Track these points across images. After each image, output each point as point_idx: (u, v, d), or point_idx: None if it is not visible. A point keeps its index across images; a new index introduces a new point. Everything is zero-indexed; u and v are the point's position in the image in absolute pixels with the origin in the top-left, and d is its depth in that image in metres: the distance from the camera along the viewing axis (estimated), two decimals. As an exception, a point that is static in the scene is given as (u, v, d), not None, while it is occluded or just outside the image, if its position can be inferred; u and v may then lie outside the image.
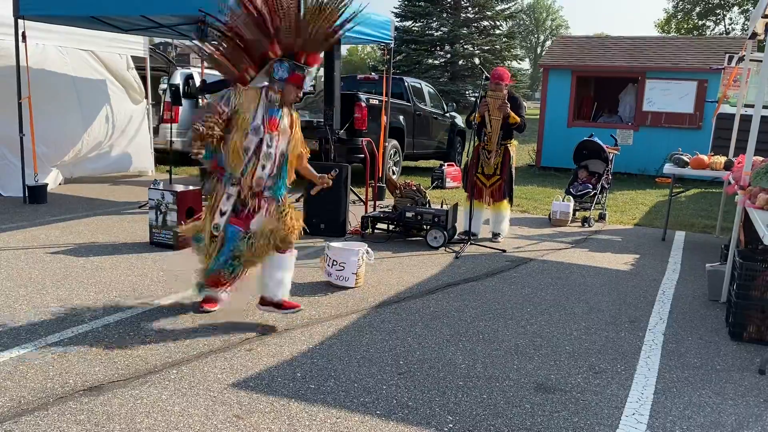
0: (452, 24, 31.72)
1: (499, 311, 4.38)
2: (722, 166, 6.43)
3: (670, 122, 12.18)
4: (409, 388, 3.15)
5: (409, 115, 11.06)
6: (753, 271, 3.92)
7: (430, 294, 4.71)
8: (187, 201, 5.70)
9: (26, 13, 7.13)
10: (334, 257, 4.72)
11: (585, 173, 8.11)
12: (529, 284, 5.06)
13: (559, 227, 7.48)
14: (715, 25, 38.98)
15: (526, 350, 3.71)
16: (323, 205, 6.38)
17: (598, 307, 4.58)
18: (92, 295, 4.34)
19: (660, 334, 4.08)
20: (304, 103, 9.86)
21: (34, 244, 5.64)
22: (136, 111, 9.82)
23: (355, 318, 4.12)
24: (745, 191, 4.45)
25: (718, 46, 12.94)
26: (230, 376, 3.21)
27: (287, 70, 3.76)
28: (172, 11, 6.78)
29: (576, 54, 13.47)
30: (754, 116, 4.55)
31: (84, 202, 7.82)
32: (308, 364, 3.38)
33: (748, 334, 3.97)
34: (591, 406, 3.05)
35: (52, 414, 2.76)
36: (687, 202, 9.60)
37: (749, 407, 3.12)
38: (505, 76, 6.22)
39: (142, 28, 8.54)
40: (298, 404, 2.95)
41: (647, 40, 13.96)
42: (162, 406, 2.87)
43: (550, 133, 13.02)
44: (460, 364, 3.47)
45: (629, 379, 3.37)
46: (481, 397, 3.09)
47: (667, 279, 5.41)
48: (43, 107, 7.99)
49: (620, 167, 11.72)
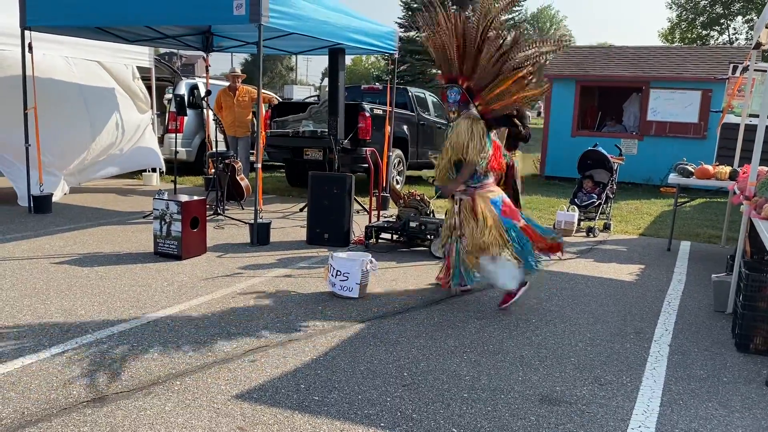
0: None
1: (503, 322, 4.36)
2: (727, 176, 6.42)
3: (675, 132, 12.16)
4: (413, 400, 3.14)
5: (413, 124, 11.07)
6: (759, 282, 3.89)
7: (434, 305, 4.69)
8: (192, 211, 5.71)
9: (33, 24, 7.19)
10: (338, 267, 4.72)
11: (590, 183, 8.10)
12: (534, 295, 5.04)
13: (564, 237, 7.46)
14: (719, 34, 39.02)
15: (531, 361, 3.69)
16: (327, 215, 6.39)
17: (604, 318, 4.56)
18: (96, 305, 4.35)
19: (666, 345, 4.05)
20: (309, 114, 9.88)
21: (39, 254, 5.65)
22: (143, 120, 9.87)
23: (359, 329, 4.11)
24: (751, 201, 4.44)
25: (723, 55, 12.94)
26: (234, 387, 3.20)
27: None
28: (178, 22, 6.83)
29: (580, 64, 13.49)
30: (759, 126, 4.54)
31: (89, 212, 7.85)
32: (312, 375, 3.37)
33: (755, 345, 3.94)
34: (596, 419, 3.03)
35: (56, 425, 2.75)
36: (692, 212, 9.57)
37: (756, 420, 3.10)
38: None
39: (148, 39, 8.60)
40: (301, 416, 2.93)
41: (651, 49, 13.98)
42: (165, 418, 2.86)
43: (555, 142, 13.03)
44: (465, 375, 3.46)
45: (635, 391, 3.35)
46: (485, 410, 3.07)
47: (672, 290, 5.38)
48: (51, 117, 8.04)
49: (625, 177, 11.70)
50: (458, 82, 4.54)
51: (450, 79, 4.56)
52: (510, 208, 4.60)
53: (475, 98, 4.55)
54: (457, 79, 4.54)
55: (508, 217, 4.54)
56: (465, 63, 4.49)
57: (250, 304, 4.50)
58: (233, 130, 9.12)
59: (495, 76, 4.46)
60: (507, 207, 4.60)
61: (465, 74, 4.52)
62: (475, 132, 4.46)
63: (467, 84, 4.53)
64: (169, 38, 8.81)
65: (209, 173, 8.63)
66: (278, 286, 4.99)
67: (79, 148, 8.77)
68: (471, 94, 4.55)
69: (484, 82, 4.49)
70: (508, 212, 4.56)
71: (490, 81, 4.48)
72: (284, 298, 4.67)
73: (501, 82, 4.46)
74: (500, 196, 4.62)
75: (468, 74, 4.51)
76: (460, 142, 4.47)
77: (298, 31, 6.73)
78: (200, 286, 4.90)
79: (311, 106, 10.05)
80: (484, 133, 4.51)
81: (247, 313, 4.30)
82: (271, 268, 5.53)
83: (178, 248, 5.63)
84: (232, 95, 9.10)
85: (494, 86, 4.48)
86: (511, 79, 4.45)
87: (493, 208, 4.53)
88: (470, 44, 4.42)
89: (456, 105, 4.57)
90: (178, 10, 6.35)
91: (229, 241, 6.47)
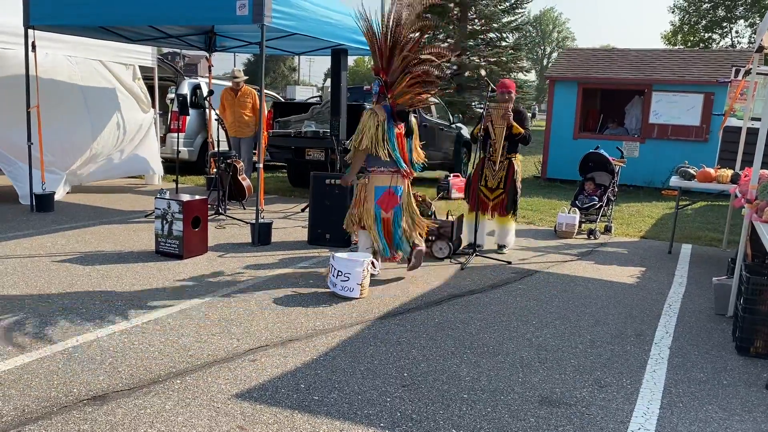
0: (458, 36, 31.83)
1: (504, 323, 4.37)
2: (729, 180, 6.41)
3: (677, 135, 12.16)
4: (413, 401, 3.14)
5: (414, 126, 11.06)
6: (760, 285, 3.89)
7: (434, 305, 4.70)
8: (193, 210, 5.72)
9: (36, 22, 7.21)
10: (339, 268, 4.72)
11: (591, 185, 8.10)
12: (535, 296, 5.05)
13: (565, 239, 7.47)
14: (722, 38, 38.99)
15: (531, 363, 3.69)
16: (329, 216, 6.39)
17: (604, 320, 4.56)
18: (97, 303, 4.35)
19: (666, 348, 4.05)
20: (311, 114, 9.89)
21: (41, 252, 5.66)
22: (145, 120, 9.88)
23: (360, 329, 4.11)
24: (752, 205, 4.44)
25: (725, 59, 12.93)
26: (234, 386, 3.20)
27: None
28: (181, 22, 6.84)
29: (582, 66, 13.48)
30: (761, 129, 4.54)
31: (91, 210, 7.86)
32: (312, 375, 3.38)
33: (755, 348, 3.94)
34: (596, 421, 3.03)
35: (56, 423, 2.76)
36: (693, 215, 9.57)
37: (756, 423, 3.10)
38: (511, 87, 6.28)
39: (151, 39, 8.61)
40: (301, 416, 2.94)
41: (654, 52, 13.97)
42: (165, 417, 2.86)
43: (556, 144, 13.02)
44: (465, 376, 3.46)
45: (635, 393, 3.35)
46: (485, 411, 3.08)
47: (673, 292, 5.38)
48: (53, 116, 8.05)
49: (626, 179, 11.71)
50: (380, 75, 5.09)
51: (376, 72, 5.13)
52: (389, 198, 5.17)
53: (388, 91, 5.10)
54: (380, 72, 5.09)
55: (381, 206, 5.17)
56: (383, 59, 5.04)
57: (250, 304, 4.50)
58: (234, 130, 9.12)
59: (400, 74, 5.02)
60: (387, 197, 5.17)
61: (384, 69, 5.07)
62: (368, 123, 5.03)
63: (385, 78, 5.08)
64: (172, 38, 8.83)
65: (211, 173, 8.64)
66: (279, 286, 4.99)
67: (81, 147, 8.78)
68: (386, 88, 5.10)
69: (393, 79, 5.05)
70: (384, 202, 5.17)
71: (396, 78, 5.04)
72: (285, 298, 4.67)
73: (402, 81, 5.02)
74: (387, 186, 5.16)
75: (386, 69, 5.06)
76: (356, 131, 5.07)
77: (301, 32, 6.74)
78: (201, 285, 4.90)
79: (313, 107, 10.07)
80: (380, 125, 5.04)
81: (247, 313, 4.31)
82: (273, 268, 5.53)
83: (179, 247, 5.64)
84: (234, 95, 9.11)
85: (398, 83, 5.04)
86: (405, 79, 5.00)
87: (372, 194, 5.16)
88: (387, 43, 4.98)
89: (376, 96, 5.15)
90: (182, 10, 6.36)
91: (230, 241, 6.48)
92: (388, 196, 5.17)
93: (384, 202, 5.16)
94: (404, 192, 5.26)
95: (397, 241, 5.28)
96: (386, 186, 5.16)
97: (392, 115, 5.09)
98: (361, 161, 5.15)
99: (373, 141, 5.01)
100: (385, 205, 5.16)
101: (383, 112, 5.06)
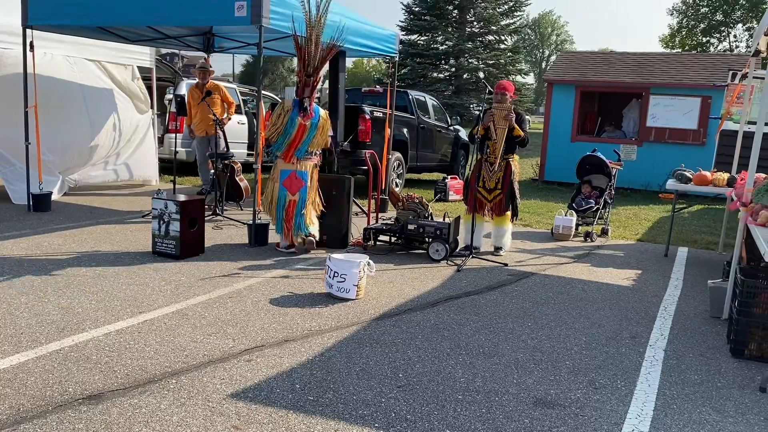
0: (457, 38, 31.89)
1: (499, 325, 4.38)
2: (725, 183, 6.43)
3: (674, 138, 12.19)
4: (408, 402, 3.15)
5: (412, 127, 11.09)
6: (755, 288, 3.91)
7: (431, 307, 4.71)
8: (190, 211, 5.72)
9: (35, 22, 7.21)
10: (335, 269, 4.73)
11: (588, 188, 8.12)
12: (530, 298, 5.06)
13: (562, 242, 7.48)
14: (719, 42, 39.10)
15: (526, 364, 3.70)
16: (326, 217, 6.40)
17: (599, 322, 4.57)
18: (94, 303, 4.36)
19: (661, 350, 4.07)
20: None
21: (37, 251, 5.66)
22: (142, 121, 9.88)
23: (355, 330, 4.12)
24: (747, 208, 4.45)
25: (722, 62, 12.97)
26: (229, 386, 3.21)
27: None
28: (179, 23, 6.85)
29: (580, 69, 13.52)
30: (757, 133, 4.56)
31: (87, 210, 7.86)
32: (307, 375, 3.38)
33: (749, 351, 3.95)
34: (590, 422, 3.04)
35: (51, 422, 2.76)
36: (690, 218, 9.59)
37: (750, 425, 3.11)
38: (509, 88, 6.30)
39: (149, 39, 8.62)
40: (296, 416, 2.94)
41: (652, 56, 14.02)
42: (160, 416, 2.87)
43: (554, 147, 13.05)
44: (460, 377, 3.47)
45: (629, 395, 3.36)
46: (480, 411, 3.08)
47: (669, 295, 5.40)
48: (51, 116, 8.05)
49: (623, 182, 11.74)
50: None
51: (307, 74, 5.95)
52: (292, 182, 5.92)
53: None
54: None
55: (286, 188, 5.93)
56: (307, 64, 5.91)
57: (246, 305, 4.51)
58: (202, 129, 8.51)
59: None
60: (290, 181, 5.92)
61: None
62: (273, 113, 5.91)
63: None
64: (171, 38, 8.83)
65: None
66: (275, 286, 5.00)
67: (79, 147, 8.79)
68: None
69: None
70: (288, 185, 5.92)
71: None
72: (281, 299, 4.68)
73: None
74: (293, 170, 5.94)
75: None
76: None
77: (299, 33, 6.74)
78: (198, 285, 4.91)
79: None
80: (283, 115, 5.85)
81: (243, 313, 4.31)
82: (269, 268, 5.54)
83: (176, 248, 5.64)
84: (200, 92, 8.41)
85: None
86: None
87: (278, 176, 5.96)
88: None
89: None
90: (180, 10, 6.37)
91: (227, 242, 6.48)
92: (293, 179, 5.91)
93: (288, 185, 5.91)
94: (309, 176, 6.00)
95: (298, 222, 5.94)
96: (291, 170, 5.93)
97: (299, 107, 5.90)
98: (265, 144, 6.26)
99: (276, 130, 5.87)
100: (290, 187, 5.90)
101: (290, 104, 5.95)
